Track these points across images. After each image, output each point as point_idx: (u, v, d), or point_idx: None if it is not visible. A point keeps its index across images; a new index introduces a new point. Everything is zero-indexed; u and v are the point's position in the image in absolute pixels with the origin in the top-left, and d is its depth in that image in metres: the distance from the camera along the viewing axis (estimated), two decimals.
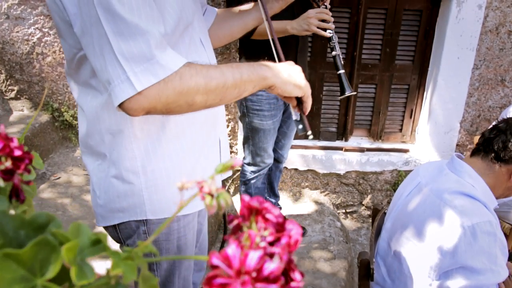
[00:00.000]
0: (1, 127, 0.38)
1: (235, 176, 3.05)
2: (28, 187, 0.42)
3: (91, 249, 0.33)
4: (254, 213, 0.34)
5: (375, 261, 1.51)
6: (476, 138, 2.63)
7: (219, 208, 0.34)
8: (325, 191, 3.19)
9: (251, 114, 2.16)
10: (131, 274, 0.33)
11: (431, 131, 3.08)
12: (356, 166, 3.08)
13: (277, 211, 0.34)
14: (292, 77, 0.98)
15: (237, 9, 1.33)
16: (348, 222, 3.26)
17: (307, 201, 3.11)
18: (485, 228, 1.24)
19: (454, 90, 2.96)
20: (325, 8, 1.77)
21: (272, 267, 0.30)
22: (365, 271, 1.41)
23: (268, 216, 0.34)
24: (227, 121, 2.98)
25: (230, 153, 1.39)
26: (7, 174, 0.37)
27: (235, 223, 0.34)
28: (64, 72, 2.96)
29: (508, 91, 3.02)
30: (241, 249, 0.30)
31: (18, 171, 0.38)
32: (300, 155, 3.06)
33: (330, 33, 1.74)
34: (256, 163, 2.30)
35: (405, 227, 1.42)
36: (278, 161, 2.47)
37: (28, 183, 0.40)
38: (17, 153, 0.38)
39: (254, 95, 2.10)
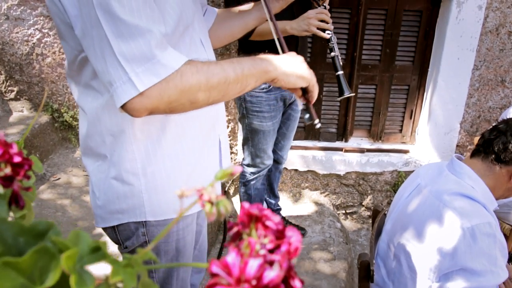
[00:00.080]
0: (0, 134, 0.38)
1: (235, 177, 3.05)
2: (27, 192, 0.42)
3: (90, 257, 0.33)
4: (254, 220, 0.34)
5: (375, 262, 1.51)
6: (476, 139, 2.62)
7: (219, 215, 0.34)
8: (325, 191, 3.18)
9: (251, 115, 2.15)
10: (131, 281, 0.33)
11: (431, 132, 3.08)
12: (356, 166, 3.08)
13: (277, 218, 0.34)
14: (294, 68, 0.97)
15: (237, 9, 1.33)
16: (348, 223, 3.26)
17: (307, 202, 3.11)
18: (485, 229, 1.24)
19: (454, 90, 2.96)
20: (324, 8, 1.77)
21: (272, 275, 0.30)
22: (365, 272, 1.41)
23: (268, 223, 0.33)
24: (227, 122, 2.98)
25: (230, 154, 1.39)
26: (7, 180, 0.37)
27: (235, 230, 0.34)
28: (64, 73, 2.96)
29: (508, 92, 3.02)
30: (241, 257, 0.30)
31: (17, 177, 0.38)
32: (300, 156, 3.06)
33: (329, 34, 1.74)
34: (255, 164, 2.30)
35: (405, 228, 1.42)
36: (277, 162, 2.46)
37: (27, 189, 0.40)
38: (17, 159, 0.38)
39: (253, 97, 2.10)
